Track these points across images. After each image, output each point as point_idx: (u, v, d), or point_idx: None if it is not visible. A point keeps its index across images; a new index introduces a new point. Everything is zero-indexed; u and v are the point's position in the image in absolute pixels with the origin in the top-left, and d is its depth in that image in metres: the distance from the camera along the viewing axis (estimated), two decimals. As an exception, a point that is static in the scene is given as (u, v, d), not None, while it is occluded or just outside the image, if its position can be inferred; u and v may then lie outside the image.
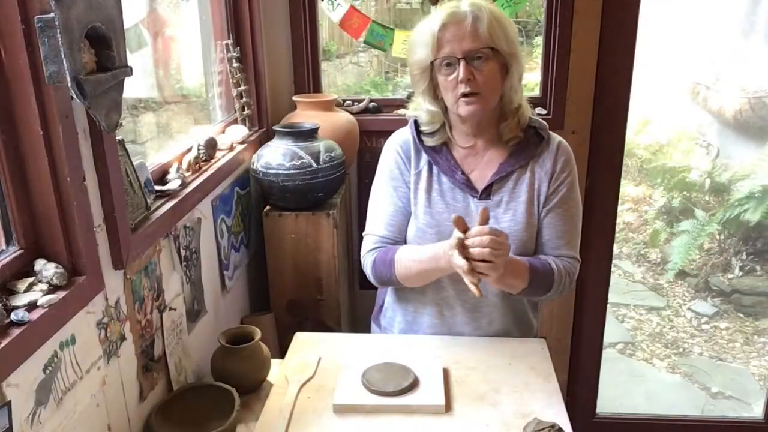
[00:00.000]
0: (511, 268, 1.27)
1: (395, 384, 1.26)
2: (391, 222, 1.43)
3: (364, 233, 1.49)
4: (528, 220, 1.37)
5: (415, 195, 1.42)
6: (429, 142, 1.42)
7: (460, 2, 1.32)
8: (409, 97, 1.79)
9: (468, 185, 1.39)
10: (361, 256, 1.47)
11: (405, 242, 1.44)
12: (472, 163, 1.42)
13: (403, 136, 1.46)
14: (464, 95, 1.30)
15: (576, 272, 1.42)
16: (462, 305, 1.43)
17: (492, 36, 1.28)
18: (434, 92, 1.38)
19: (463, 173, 1.40)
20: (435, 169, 1.42)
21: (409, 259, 1.36)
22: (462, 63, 1.29)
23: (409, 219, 1.43)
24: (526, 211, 1.37)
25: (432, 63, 1.33)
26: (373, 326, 1.63)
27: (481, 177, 1.40)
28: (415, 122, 1.45)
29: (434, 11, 1.34)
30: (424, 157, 1.42)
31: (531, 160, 1.40)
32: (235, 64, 1.92)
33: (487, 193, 1.39)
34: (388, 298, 1.56)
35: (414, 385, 1.27)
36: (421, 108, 1.42)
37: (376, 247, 1.43)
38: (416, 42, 1.35)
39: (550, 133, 1.43)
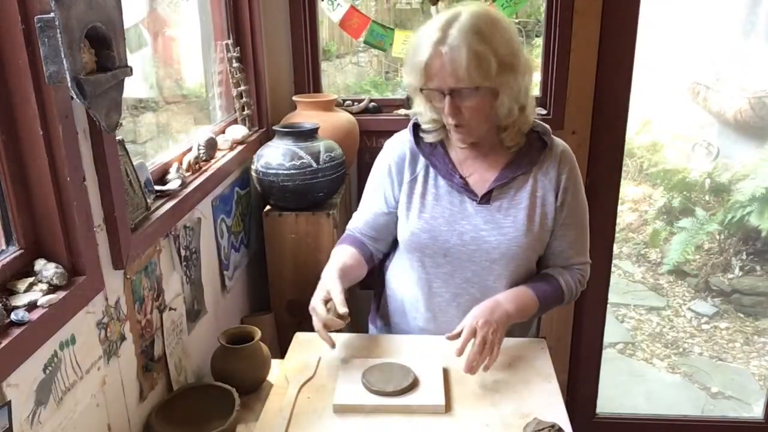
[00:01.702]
0: (519, 315, 1.35)
1: (395, 384, 1.26)
2: (367, 220, 1.50)
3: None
4: (528, 226, 1.37)
5: (408, 200, 1.42)
6: (429, 138, 1.42)
7: (448, 30, 1.23)
8: (409, 98, 1.79)
9: (466, 189, 1.38)
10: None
11: (381, 239, 1.50)
12: (471, 166, 1.41)
13: (400, 144, 1.46)
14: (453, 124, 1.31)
15: (588, 274, 1.48)
16: (456, 308, 1.42)
17: (471, 76, 1.22)
18: (431, 103, 1.36)
19: (461, 177, 1.39)
20: (432, 171, 1.41)
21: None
22: (447, 99, 1.26)
23: (388, 221, 1.47)
24: (527, 217, 1.37)
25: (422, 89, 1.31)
26: (371, 327, 1.64)
27: (481, 181, 1.39)
28: (414, 124, 1.44)
29: (430, 20, 1.30)
30: (422, 161, 1.42)
31: (534, 167, 1.38)
32: (235, 64, 1.92)
33: (486, 198, 1.38)
34: (383, 299, 1.56)
35: (414, 385, 1.27)
36: (421, 109, 1.41)
37: (347, 235, 1.54)
38: (409, 63, 1.31)
39: (554, 138, 1.42)
